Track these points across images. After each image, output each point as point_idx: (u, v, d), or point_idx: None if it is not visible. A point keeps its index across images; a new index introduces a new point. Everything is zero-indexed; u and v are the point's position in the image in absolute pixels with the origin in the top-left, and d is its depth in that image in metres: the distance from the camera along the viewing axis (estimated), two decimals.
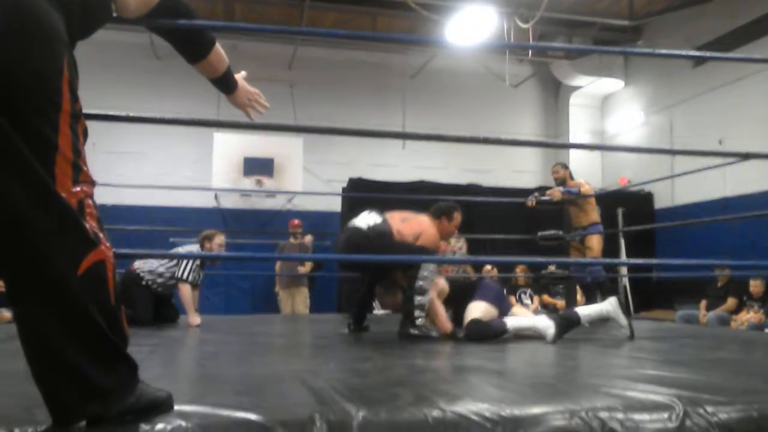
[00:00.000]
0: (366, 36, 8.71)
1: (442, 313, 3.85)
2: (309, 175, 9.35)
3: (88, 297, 1.21)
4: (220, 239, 5.01)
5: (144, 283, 4.76)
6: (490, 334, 3.60)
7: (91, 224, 1.23)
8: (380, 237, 3.79)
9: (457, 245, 6.51)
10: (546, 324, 3.60)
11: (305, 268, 7.69)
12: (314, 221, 9.20)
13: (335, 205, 8.90)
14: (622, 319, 3.89)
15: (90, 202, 1.25)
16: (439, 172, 9.94)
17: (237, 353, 3.06)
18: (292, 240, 7.98)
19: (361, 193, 8.55)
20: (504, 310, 3.94)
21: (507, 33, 8.67)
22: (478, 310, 3.79)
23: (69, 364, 1.19)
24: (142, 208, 8.40)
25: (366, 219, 3.95)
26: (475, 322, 3.67)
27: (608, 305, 3.91)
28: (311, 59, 10.19)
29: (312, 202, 9.40)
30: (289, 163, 8.92)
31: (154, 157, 9.40)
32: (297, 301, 7.77)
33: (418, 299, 3.75)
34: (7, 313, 6.67)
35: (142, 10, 1.60)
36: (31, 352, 1.21)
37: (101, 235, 1.26)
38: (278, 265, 7.94)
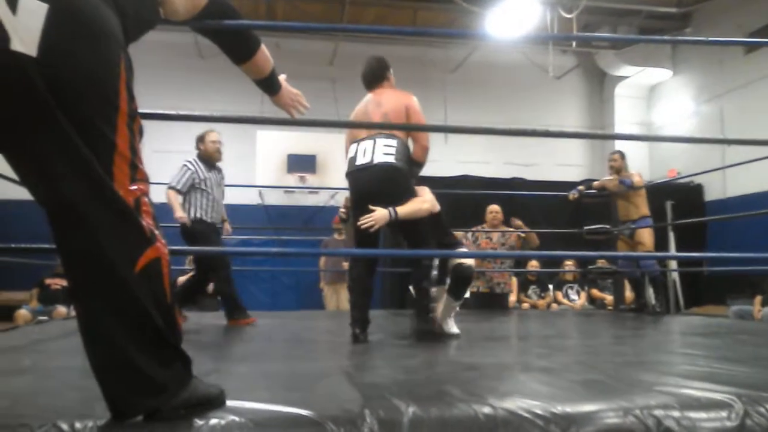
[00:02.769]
0: (408, 31, 8.70)
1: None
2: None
3: (146, 293, 1.23)
4: (211, 136, 4.84)
5: None
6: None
7: (147, 221, 1.26)
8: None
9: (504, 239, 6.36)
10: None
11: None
12: None
13: None
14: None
15: (146, 199, 1.28)
16: (482, 166, 9.85)
17: (284, 349, 3.09)
18: (336, 236, 8.02)
19: None
20: None
21: (550, 24, 8.54)
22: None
23: (127, 359, 1.22)
24: None
25: (382, 149, 3.27)
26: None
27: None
28: (353, 55, 10.16)
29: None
30: (332, 159, 8.96)
31: None
32: (342, 297, 7.80)
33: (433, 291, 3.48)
34: (63, 309, 6.89)
35: (190, 13, 1.62)
36: (91, 347, 1.24)
37: (157, 232, 1.28)
38: (323, 261, 7.98)
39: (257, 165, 8.83)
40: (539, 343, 3.37)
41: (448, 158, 10.05)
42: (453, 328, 3.51)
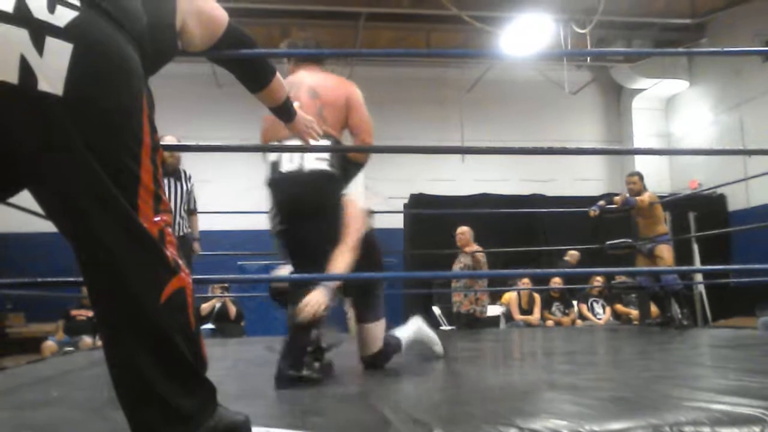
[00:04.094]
0: (423, 53, 8.76)
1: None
2: (369, 193, 9.39)
3: (171, 323, 1.24)
4: (165, 140, 4.55)
5: None
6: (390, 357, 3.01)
7: (171, 252, 1.28)
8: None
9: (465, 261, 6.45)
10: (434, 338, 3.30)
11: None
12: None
13: (397, 222, 8.91)
14: (431, 337, 3.36)
15: (169, 230, 1.30)
16: (501, 184, 9.84)
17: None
18: None
19: (423, 209, 8.57)
20: None
21: (564, 40, 8.55)
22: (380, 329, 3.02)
23: (153, 390, 1.22)
24: (209, 233, 8.61)
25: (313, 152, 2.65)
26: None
27: (414, 327, 3.32)
28: (368, 78, 10.24)
29: (374, 219, 9.44)
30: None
31: (218, 182, 9.64)
32: None
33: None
34: (88, 340, 6.95)
35: (207, 43, 1.65)
36: (117, 377, 1.25)
37: (180, 261, 1.30)
38: None
39: None
40: (565, 360, 3.33)
41: (465, 177, 10.05)
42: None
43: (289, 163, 2.67)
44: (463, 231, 6.45)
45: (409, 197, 8.82)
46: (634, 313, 7.23)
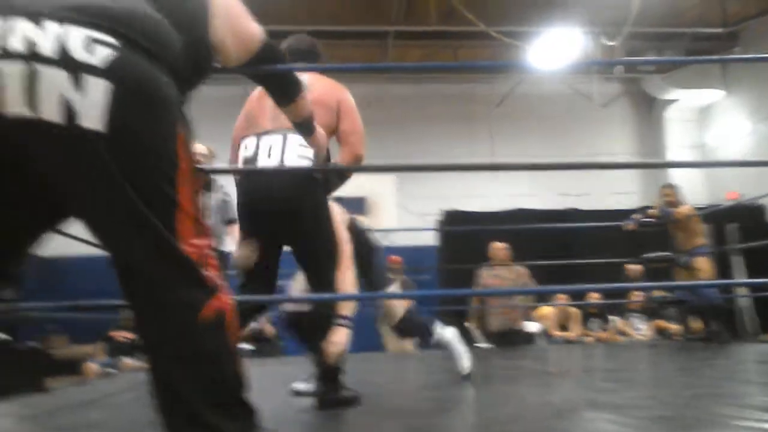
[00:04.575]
0: (454, 66, 8.78)
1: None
2: (402, 211, 9.41)
3: (211, 345, 1.26)
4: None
5: None
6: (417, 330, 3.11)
7: (212, 274, 1.30)
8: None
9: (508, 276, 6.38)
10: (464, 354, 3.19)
11: (407, 303, 7.68)
12: (410, 256, 9.22)
13: (431, 239, 8.90)
14: (462, 352, 3.24)
15: (209, 252, 1.32)
16: (534, 199, 9.75)
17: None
18: (392, 276, 8.01)
19: (455, 225, 8.54)
20: None
21: (593, 53, 8.50)
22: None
23: (195, 413, 1.24)
24: None
25: (296, 149, 2.43)
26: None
27: (452, 333, 3.37)
28: (397, 96, 10.34)
29: (407, 237, 9.45)
30: (383, 200, 9.01)
31: None
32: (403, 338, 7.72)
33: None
34: (129, 361, 7.05)
35: (242, 59, 1.68)
36: (160, 399, 1.27)
37: (221, 283, 1.32)
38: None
39: None
40: (605, 377, 3.28)
41: (497, 193, 10.00)
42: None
43: (267, 157, 2.42)
44: (504, 246, 6.41)
45: (441, 214, 8.82)
46: (674, 328, 7.08)
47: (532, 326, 7.13)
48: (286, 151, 2.40)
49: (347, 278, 2.51)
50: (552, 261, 6.69)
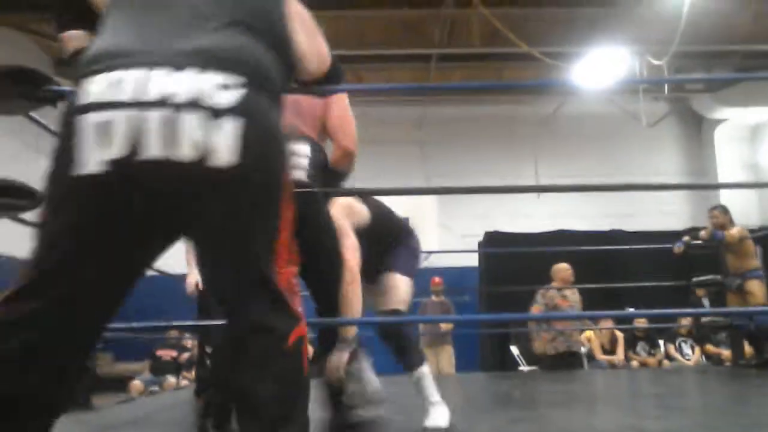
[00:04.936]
0: (499, 86, 8.75)
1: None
2: (444, 231, 9.38)
3: (293, 371, 1.29)
4: None
5: None
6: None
7: (296, 301, 1.33)
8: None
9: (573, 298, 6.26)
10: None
11: (447, 326, 7.64)
12: (451, 277, 9.17)
13: (472, 260, 8.84)
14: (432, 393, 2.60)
15: (295, 280, 1.37)
16: (577, 220, 9.61)
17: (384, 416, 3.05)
18: (434, 298, 7.98)
19: (498, 247, 8.46)
20: None
21: (639, 72, 8.39)
22: (405, 288, 2.61)
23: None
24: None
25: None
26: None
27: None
28: (440, 118, 10.38)
29: (448, 258, 9.41)
30: (424, 220, 9.00)
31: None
32: (442, 359, 7.67)
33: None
34: (173, 380, 7.16)
35: (314, 77, 1.70)
36: (240, 414, 1.30)
37: (300, 310, 1.35)
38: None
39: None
40: (653, 404, 3.19)
41: (541, 213, 9.90)
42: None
43: None
44: (568, 267, 6.36)
45: (483, 234, 8.76)
46: (725, 353, 6.86)
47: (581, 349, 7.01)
48: None
49: (352, 295, 2.31)
50: (596, 284, 6.56)
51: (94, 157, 1.15)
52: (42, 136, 2.31)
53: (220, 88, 1.20)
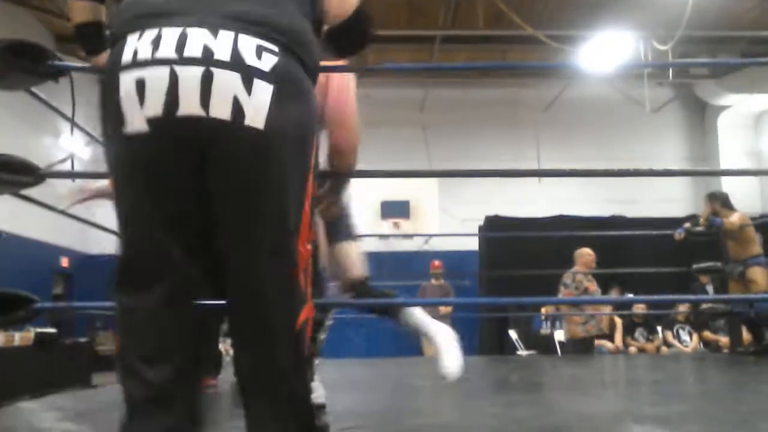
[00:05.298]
0: (503, 66, 8.68)
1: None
2: (445, 215, 9.37)
3: (298, 351, 1.30)
4: None
5: None
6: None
7: (307, 281, 1.33)
8: None
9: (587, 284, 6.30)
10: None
11: (447, 309, 7.65)
12: (451, 261, 9.17)
13: (472, 244, 8.83)
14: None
15: (310, 260, 1.36)
16: (579, 205, 9.59)
17: (386, 399, 3.07)
18: (433, 281, 7.99)
19: (498, 231, 8.45)
20: None
21: (644, 57, 8.33)
22: (354, 253, 2.41)
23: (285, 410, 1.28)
24: None
25: None
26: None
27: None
28: (442, 100, 10.33)
29: (449, 241, 9.40)
30: (425, 204, 9.00)
31: None
32: None
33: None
34: None
35: (338, 15, 1.66)
36: (247, 387, 1.30)
37: (309, 291, 1.35)
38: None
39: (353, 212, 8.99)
40: (650, 390, 3.20)
41: (542, 198, 9.87)
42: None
43: None
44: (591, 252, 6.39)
45: (484, 219, 8.75)
46: (723, 340, 6.87)
47: (560, 335, 7.06)
48: None
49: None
50: (596, 270, 6.56)
51: (138, 115, 1.18)
52: (43, 113, 2.30)
53: (256, 51, 1.22)
